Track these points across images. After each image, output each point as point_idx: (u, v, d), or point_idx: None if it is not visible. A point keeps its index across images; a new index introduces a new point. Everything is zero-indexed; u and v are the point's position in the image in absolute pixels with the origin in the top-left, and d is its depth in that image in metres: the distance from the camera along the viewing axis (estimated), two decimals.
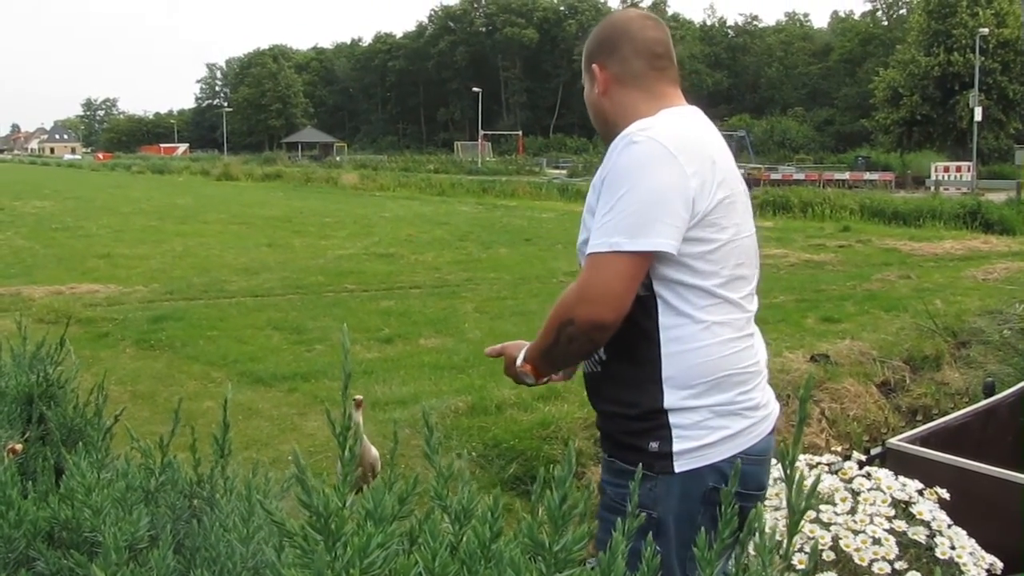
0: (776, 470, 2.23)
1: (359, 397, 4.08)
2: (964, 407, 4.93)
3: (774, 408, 1.98)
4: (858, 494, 2.06)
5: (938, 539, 2.00)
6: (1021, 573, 2.19)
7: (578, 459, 5.35)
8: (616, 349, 1.91)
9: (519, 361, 2.02)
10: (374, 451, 4.15)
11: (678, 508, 1.82)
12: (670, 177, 1.78)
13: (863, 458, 2.39)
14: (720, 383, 1.83)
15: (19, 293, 10.80)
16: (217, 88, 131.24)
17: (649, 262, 1.80)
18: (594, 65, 2.04)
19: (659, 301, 1.84)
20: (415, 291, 11.88)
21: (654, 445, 1.83)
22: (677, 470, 1.82)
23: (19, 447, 1.51)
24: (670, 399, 1.83)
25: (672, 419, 1.83)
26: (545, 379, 2.06)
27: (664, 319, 1.84)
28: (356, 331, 9.15)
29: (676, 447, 1.82)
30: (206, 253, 15.45)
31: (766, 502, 2.08)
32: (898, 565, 1.95)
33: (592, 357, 1.95)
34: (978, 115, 35.75)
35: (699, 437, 1.82)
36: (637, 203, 1.77)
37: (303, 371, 7.42)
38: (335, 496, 0.87)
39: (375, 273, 13.27)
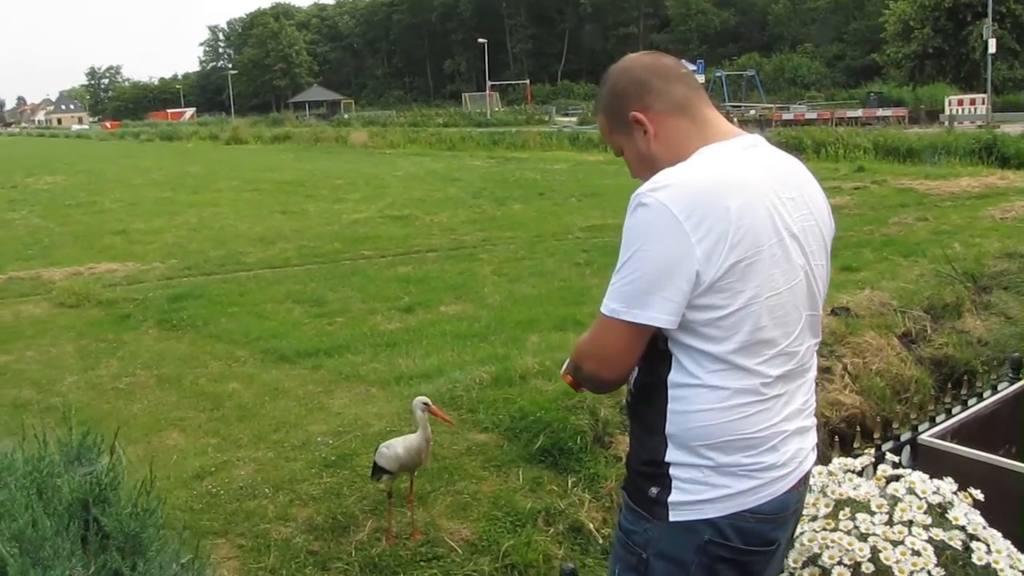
0: (814, 481, 2.26)
1: (427, 401, 4.11)
2: (990, 372, 4.93)
3: (800, 466, 1.92)
4: (896, 502, 2.07)
5: (974, 544, 2.01)
6: None
7: (604, 428, 5.41)
8: (638, 391, 1.93)
9: (562, 370, 2.06)
10: (431, 448, 4.24)
11: (668, 554, 1.85)
12: (673, 249, 1.71)
13: (895, 459, 2.38)
14: (722, 446, 1.81)
15: (39, 276, 10.88)
16: (220, 50, 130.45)
17: (649, 330, 1.78)
18: (632, 114, 1.91)
19: (672, 358, 1.82)
20: (432, 255, 11.89)
21: (653, 491, 1.86)
22: (671, 519, 1.84)
23: None
24: (671, 454, 1.84)
25: (673, 471, 1.84)
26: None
27: (674, 376, 1.82)
28: (376, 300, 9.20)
29: (673, 497, 1.83)
30: (220, 224, 15.47)
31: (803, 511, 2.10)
32: (935, 572, 1.97)
33: (627, 385, 1.96)
34: (992, 47, 35.15)
35: (697, 492, 1.82)
36: (637, 272, 1.74)
37: (326, 346, 7.45)
38: None
39: (391, 237, 13.29)
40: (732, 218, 1.72)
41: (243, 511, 4.52)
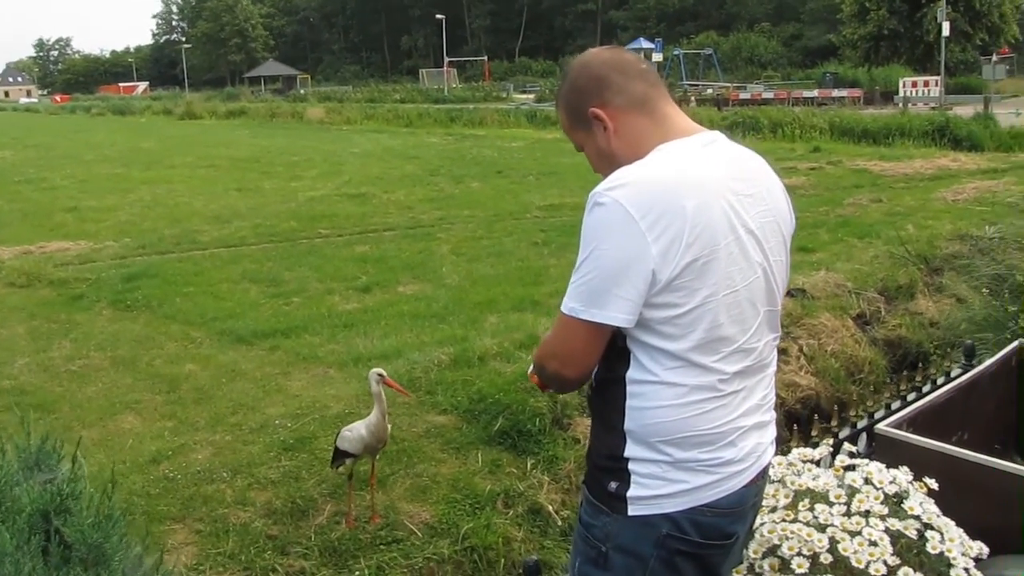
0: (774, 471, 2.29)
1: (382, 372, 4.09)
2: (943, 357, 5.03)
3: (758, 460, 1.94)
4: (854, 492, 2.11)
5: (929, 533, 2.06)
6: (1008, 555, 2.24)
7: (563, 410, 5.43)
8: (598, 387, 1.94)
9: (528, 370, 2.07)
10: (388, 425, 4.23)
11: (627, 548, 1.87)
12: (629, 248, 1.71)
13: (852, 448, 2.42)
14: (679, 442, 1.82)
15: None
16: (174, 23, 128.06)
17: (608, 328, 1.78)
18: (591, 110, 1.90)
19: (631, 355, 1.83)
20: (389, 233, 11.84)
21: (613, 486, 1.87)
22: (630, 513, 1.85)
23: None
24: (630, 449, 1.85)
25: (631, 466, 1.85)
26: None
27: (632, 373, 1.83)
28: (333, 280, 9.14)
29: (631, 492, 1.85)
30: (175, 201, 15.25)
31: (762, 503, 2.12)
32: (890, 560, 2.01)
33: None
34: (946, 30, 35.50)
35: (655, 487, 1.83)
36: (594, 271, 1.74)
37: (283, 327, 7.40)
38: None
39: (348, 216, 13.19)
40: (688, 217, 1.72)
41: (201, 495, 4.49)
